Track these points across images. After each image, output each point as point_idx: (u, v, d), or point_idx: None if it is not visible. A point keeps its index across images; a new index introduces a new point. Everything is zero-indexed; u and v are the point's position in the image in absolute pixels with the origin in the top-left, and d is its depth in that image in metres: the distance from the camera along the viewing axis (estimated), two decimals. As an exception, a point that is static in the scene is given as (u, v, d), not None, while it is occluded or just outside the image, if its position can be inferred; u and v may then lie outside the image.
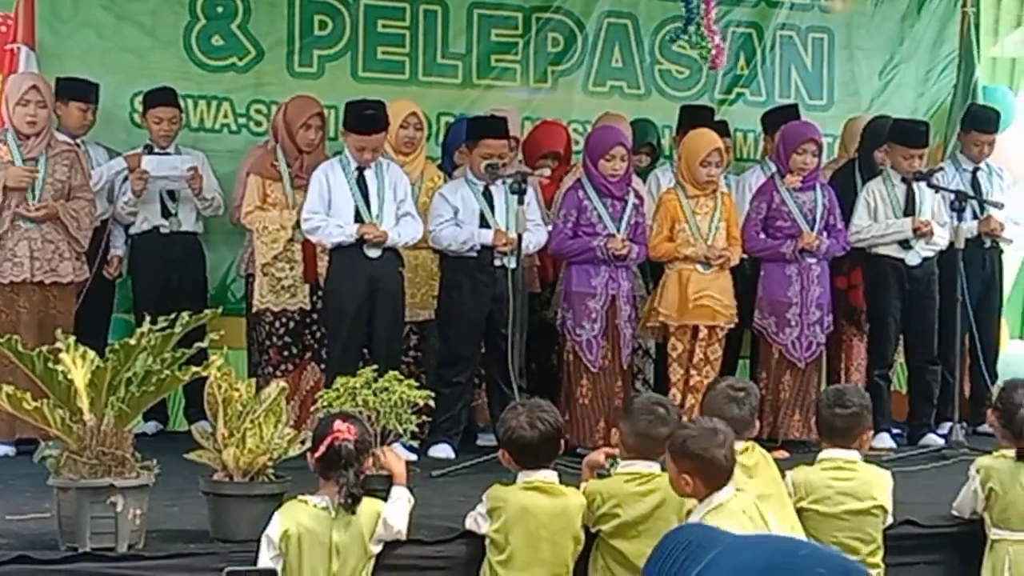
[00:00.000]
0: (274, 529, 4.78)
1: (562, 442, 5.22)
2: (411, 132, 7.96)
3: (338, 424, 4.85)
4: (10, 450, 7.30)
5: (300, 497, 4.89)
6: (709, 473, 4.75)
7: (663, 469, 5.17)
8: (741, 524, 4.64)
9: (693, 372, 7.77)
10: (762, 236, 8.00)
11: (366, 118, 7.34)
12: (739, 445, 5.36)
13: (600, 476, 5.28)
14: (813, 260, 7.97)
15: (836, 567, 1.70)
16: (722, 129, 8.56)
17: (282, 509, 4.85)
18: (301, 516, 4.80)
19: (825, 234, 8.01)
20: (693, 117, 8.60)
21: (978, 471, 5.81)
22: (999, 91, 9.86)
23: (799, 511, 5.48)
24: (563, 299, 7.77)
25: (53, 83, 7.79)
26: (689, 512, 5.15)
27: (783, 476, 5.57)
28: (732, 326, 7.95)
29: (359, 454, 4.84)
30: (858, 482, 5.54)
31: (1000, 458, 5.78)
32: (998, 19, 10.30)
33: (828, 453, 5.62)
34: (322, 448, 4.82)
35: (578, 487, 5.22)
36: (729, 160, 8.64)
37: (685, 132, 8.32)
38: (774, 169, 8.27)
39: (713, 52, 7.70)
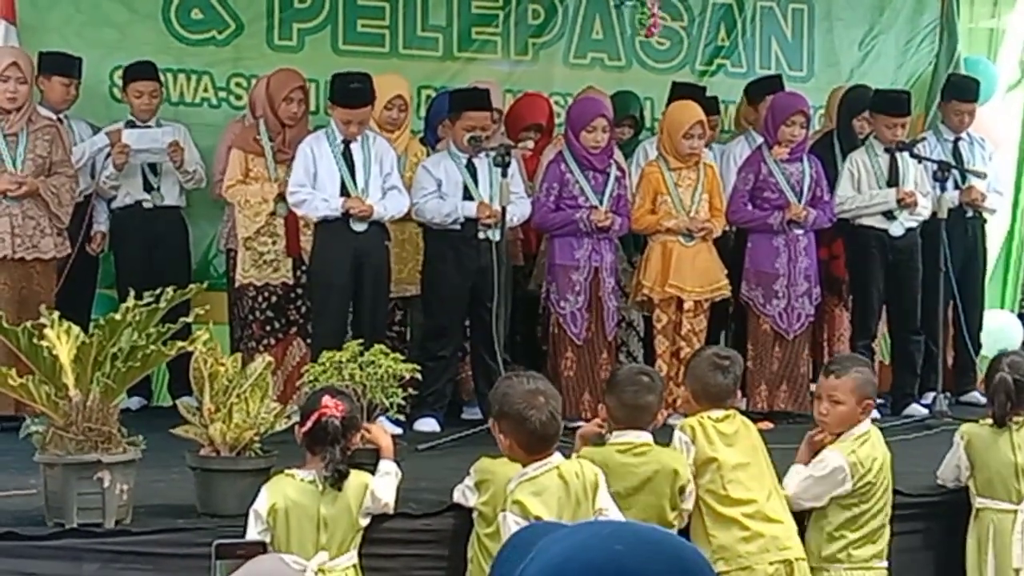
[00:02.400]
0: (262, 503, 4.77)
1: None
2: (395, 114, 7.89)
3: (326, 400, 4.83)
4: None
5: (287, 471, 4.89)
6: (522, 435, 4.65)
7: (656, 439, 5.18)
8: (550, 501, 4.58)
9: (682, 343, 7.77)
10: (749, 207, 7.99)
11: (353, 91, 7.29)
12: (720, 413, 5.38)
13: (596, 444, 5.27)
14: (800, 231, 7.98)
15: (636, 541, 1.67)
16: (711, 106, 8.54)
17: (270, 483, 4.85)
18: (289, 490, 4.79)
19: (812, 205, 8.02)
20: (684, 95, 8.45)
21: (962, 437, 5.83)
22: (981, 62, 9.85)
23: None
24: (546, 272, 7.75)
25: (35, 57, 7.74)
26: (683, 485, 5.17)
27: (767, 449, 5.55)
28: (726, 296, 7.95)
29: (346, 431, 4.83)
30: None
31: (984, 426, 5.81)
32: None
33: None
34: (309, 423, 4.81)
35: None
36: (714, 135, 8.62)
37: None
38: (759, 140, 8.27)
39: (649, 21, 7.69)
